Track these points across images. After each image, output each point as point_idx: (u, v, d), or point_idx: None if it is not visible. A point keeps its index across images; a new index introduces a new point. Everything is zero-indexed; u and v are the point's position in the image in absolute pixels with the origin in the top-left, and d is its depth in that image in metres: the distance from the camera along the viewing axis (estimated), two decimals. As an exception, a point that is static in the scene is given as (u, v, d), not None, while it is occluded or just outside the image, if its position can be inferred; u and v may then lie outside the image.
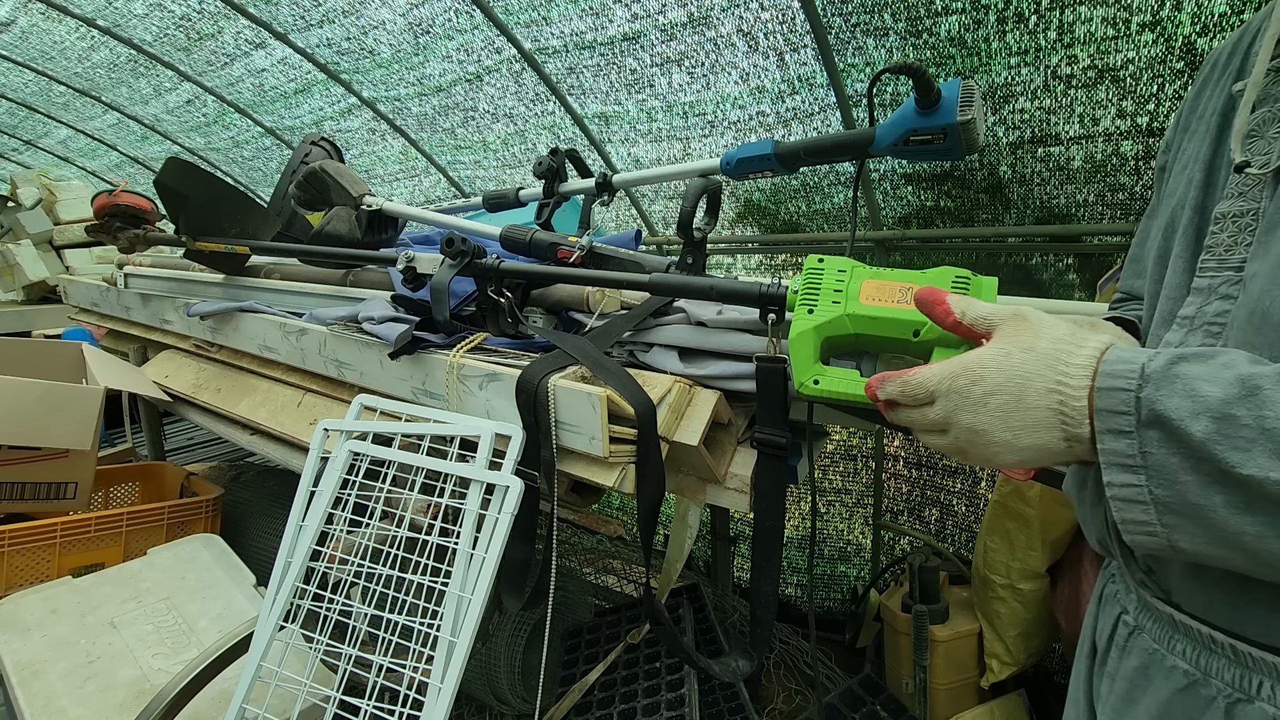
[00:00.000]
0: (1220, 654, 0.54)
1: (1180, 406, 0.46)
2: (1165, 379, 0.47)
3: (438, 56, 2.68)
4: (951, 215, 1.99)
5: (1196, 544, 0.47)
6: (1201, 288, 0.59)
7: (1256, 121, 0.57)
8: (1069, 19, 1.51)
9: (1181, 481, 0.46)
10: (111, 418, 3.09)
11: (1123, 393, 0.49)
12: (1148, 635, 0.60)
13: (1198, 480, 0.45)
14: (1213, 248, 0.58)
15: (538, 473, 1.05)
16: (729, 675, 1.11)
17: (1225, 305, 0.56)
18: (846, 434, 2.37)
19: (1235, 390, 0.44)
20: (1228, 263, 0.57)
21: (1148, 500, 0.48)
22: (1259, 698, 0.51)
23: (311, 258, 1.83)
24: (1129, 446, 0.48)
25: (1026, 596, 1.73)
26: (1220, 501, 0.45)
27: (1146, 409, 0.47)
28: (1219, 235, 0.58)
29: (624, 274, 1.18)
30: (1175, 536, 0.47)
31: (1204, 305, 0.58)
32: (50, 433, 1.84)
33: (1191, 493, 0.46)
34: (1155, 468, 0.47)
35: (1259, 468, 0.42)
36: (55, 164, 5.52)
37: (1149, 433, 0.47)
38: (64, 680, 1.34)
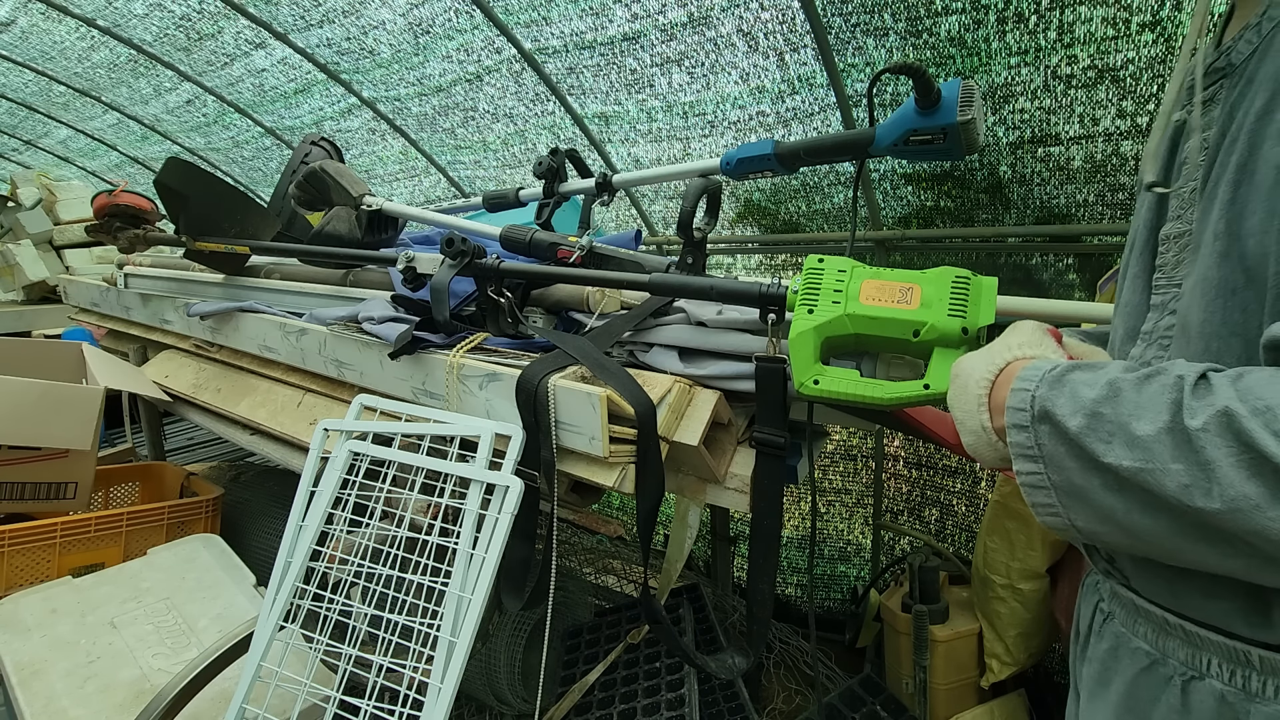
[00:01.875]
0: (1175, 635, 0.59)
1: (1064, 405, 0.54)
2: (1057, 383, 0.56)
3: (438, 56, 2.68)
4: (951, 215, 1.99)
5: (1089, 522, 0.54)
6: (1156, 304, 0.65)
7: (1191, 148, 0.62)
8: (1069, 19, 1.50)
9: (1067, 467, 0.54)
10: (111, 418, 3.09)
11: (1024, 393, 0.57)
12: (1117, 620, 0.66)
13: (1079, 466, 0.53)
14: (1162, 266, 0.64)
15: (538, 473, 1.05)
16: (725, 672, 1.12)
17: (1172, 319, 0.62)
18: (846, 434, 2.37)
19: (1103, 392, 0.52)
20: (1174, 280, 0.63)
21: (1048, 485, 0.56)
22: (1209, 674, 0.56)
23: (311, 258, 1.83)
24: (1027, 438, 0.56)
25: (1026, 596, 1.73)
26: (1097, 484, 0.52)
27: (1039, 407, 0.56)
28: (1166, 255, 0.64)
29: (624, 274, 1.18)
30: (1072, 516, 0.55)
31: (1158, 321, 0.64)
32: (50, 433, 1.84)
33: (1075, 476, 0.53)
34: (1048, 457, 0.55)
35: (1116, 456, 0.50)
36: (55, 164, 5.52)
37: (1041, 427, 0.55)
38: (64, 680, 1.34)
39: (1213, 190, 0.56)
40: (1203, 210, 0.57)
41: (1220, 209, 0.54)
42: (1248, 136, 0.53)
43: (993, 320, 0.78)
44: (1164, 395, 0.49)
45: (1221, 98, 0.58)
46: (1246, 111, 0.54)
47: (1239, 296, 0.53)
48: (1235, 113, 0.55)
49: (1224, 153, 0.56)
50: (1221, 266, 0.53)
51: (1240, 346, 0.53)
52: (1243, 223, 0.52)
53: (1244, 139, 0.53)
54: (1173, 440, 0.47)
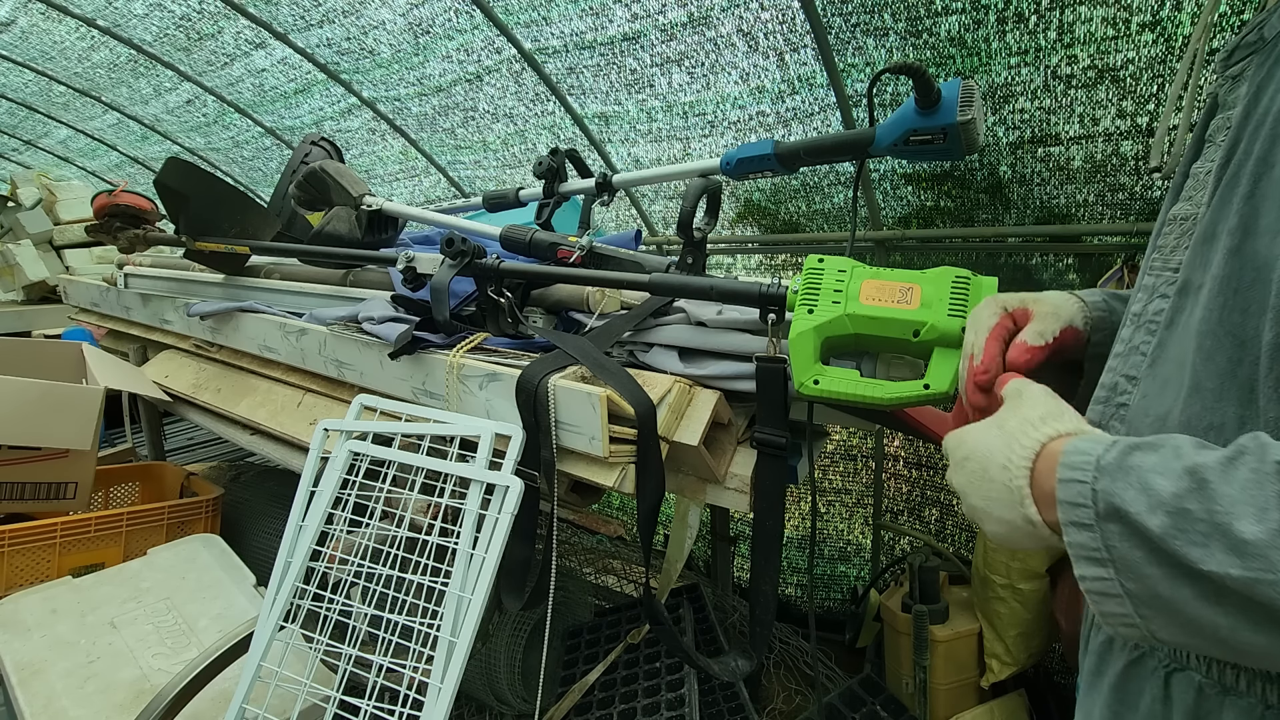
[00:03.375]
0: None
1: (1136, 500, 0.46)
2: (1120, 470, 0.48)
3: (438, 56, 2.68)
4: (951, 215, 1.99)
5: (1175, 635, 0.47)
6: (1146, 285, 0.61)
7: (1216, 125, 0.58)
8: (1069, 19, 1.50)
9: (1148, 575, 0.46)
10: (111, 418, 3.09)
11: (1079, 484, 0.49)
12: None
13: (1164, 574, 0.45)
14: (1161, 248, 0.61)
15: (538, 473, 1.05)
16: (728, 675, 1.12)
17: (1162, 304, 0.58)
18: (846, 434, 2.37)
19: (1185, 483, 0.44)
20: (1169, 263, 0.59)
21: (1120, 593, 0.48)
22: (1189, 666, 0.55)
23: (311, 258, 1.83)
24: (1092, 539, 0.48)
25: (1026, 596, 1.73)
26: (1189, 594, 0.44)
27: (1104, 502, 0.48)
28: (1167, 236, 0.60)
29: (624, 274, 1.18)
30: (1153, 628, 0.47)
31: (1147, 303, 0.60)
32: (50, 433, 1.84)
33: (1160, 586, 0.45)
34: (1121, 561, 0.47)
35: (1219, 564, 0.42)
36: (55, 164, 5.52)
37: (1109, 526, 0.47)
38: (64, 680, 1.34)
39: (1233, 178, 0.52)
40: (1220, 198, 0.53)
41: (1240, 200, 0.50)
42: (1273, 124, 0.49)
43: (993, 320, 0.78)
44: (1266, 485, 0.41)
45: (1250, 75, 0.53)
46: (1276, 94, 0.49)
47: (1241, 296, 0.49)
48: (1262, 94, 0.51)
49: (1248, 138, 0.51)
50: (1230, 262, 0.50)
51: (1231, 347, 0.50)
52: (1257, 219, 0.48)
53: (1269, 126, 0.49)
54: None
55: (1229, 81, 0.56)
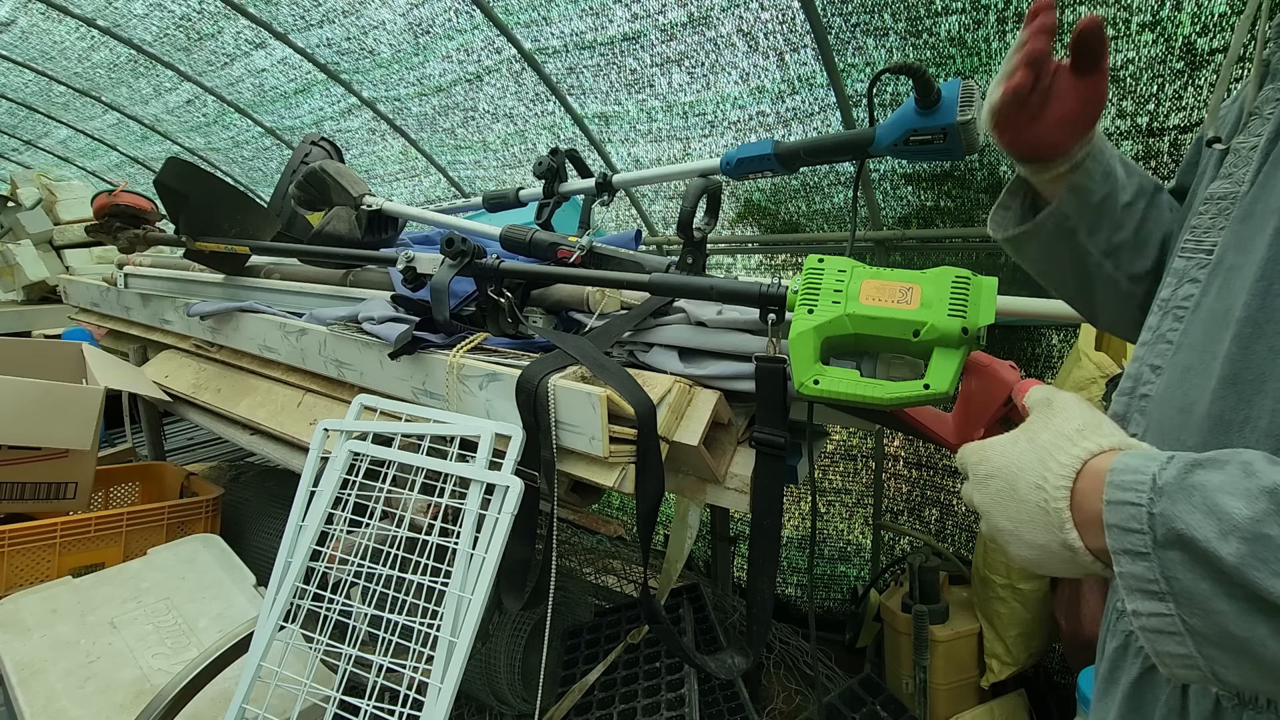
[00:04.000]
0: None
1: (1204, 525, 0.40)
2: (1181, 491, 0.42)
3: (438, 56, 2.68)
4: (951, 215, 1.99)
5: (1245, 677, 0.42)
6: (1177, 269, 0.57)
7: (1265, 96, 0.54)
8: (1069, 19, 1.51)
9: (1218, 611, 0.40)
10: (111, 418, 3.09)
11: (1132, 506, 0.43)
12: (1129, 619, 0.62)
13: (1236, 609, 0.39)
14: (1194, 229, 0.56)
15: (538, 473, 1.06)
16: (725, 672, 1.12)
17: (1192, 289, 0.55)
18: (846, 434, 2.37)
19: (1264, 505, 0.39)
20: (1203, 244, 0.55)
21: (1181, 631, 0.42)
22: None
23: (311, 258, 1.83)
24: (1148, 570, 0.42)
25: (1026, 596, 1.73)
26: (1266, 632, 0.39)
27: (1164, 528, 0.42)
28: (1201, 217, 0.56)
29: (624, 274, 1.18)
30: (1219, 670, 0.42)
31: (1176, 288, 0.57)
32: (50, 433, 1.85)
33: (1231, 623, 0.40)
34: (1184, 594, 0.41)
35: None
36: (55, 164, 5.52)
37: (1170, 554, 0.41)
38: (64, 680, 1.34)
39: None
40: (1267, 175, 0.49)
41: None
42: None
43: (992, 320, 0.78)
44: None
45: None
46: None
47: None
48: None
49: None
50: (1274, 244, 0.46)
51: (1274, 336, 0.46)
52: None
53: None
54: None
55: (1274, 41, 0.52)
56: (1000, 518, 0.53)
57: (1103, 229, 0.70)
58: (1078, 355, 1.61)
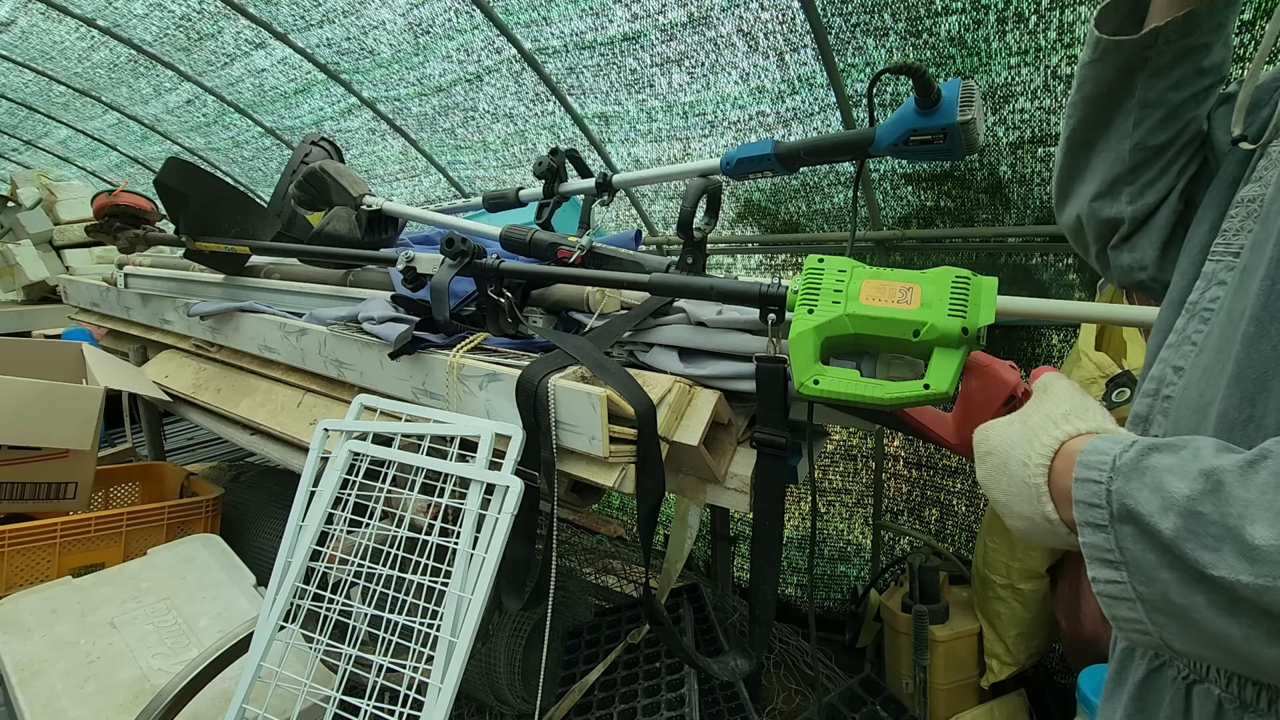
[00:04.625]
0: None
1: (1149, 501, 0.44)
2: (1135, 471, 0.46)
3: (438, 56, 2.68)
4: (951, 215, 1.99)
5: (1188, 644, 0.45)
6: (1206, 273, 0.58)
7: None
8: (1069, 19, 1.50)
9: (1160, 579, 0.44)
10: (111, 418, 3.09)
11: (1094, 484, 0.48)
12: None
13: (1176, 578, 0.43)
14: (1225, 232, 0.57)
15: (538, 473, 1.05)
16: (728, 674, 1.11)
17: (1219, 291, 0.55)
18: (846, 434, 2.37)
19: (1200, 485, 0.43)
20: (1231, 247, 0.55)
21: (1133, 597, 0.46)
22: (1207, 679, 0.54)
23: (311, 258, 1.83)
24: (1106, 540, 0.47)
25: (1026, 596, 1.73)
26: (1202, 601, 0.42)
27: (1118, 503, 0.46)
28: (1232, 220, 0.57)
29: (624, 274, 1.18)
30: (1166, 636, 0.46)
31: (1205, 291, 0.57)
32: (50, 433, 1.84)
33: (1172, 590, 0.44)
34: (1134, 564, 0.45)
35: (1229, 569, 0.40)
36: (55, 164, 5.52)
37: (1123, 528, 0.46)
38: (64, 680, 1.34)
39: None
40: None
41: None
42: None
43: (992, 320, 0.78)
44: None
45: None
46: None
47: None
48: None
49: None
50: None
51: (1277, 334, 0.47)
52: None
53: None
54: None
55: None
56: (997, 491, 0.58)
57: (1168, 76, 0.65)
58: (1078, 355, 1.61)
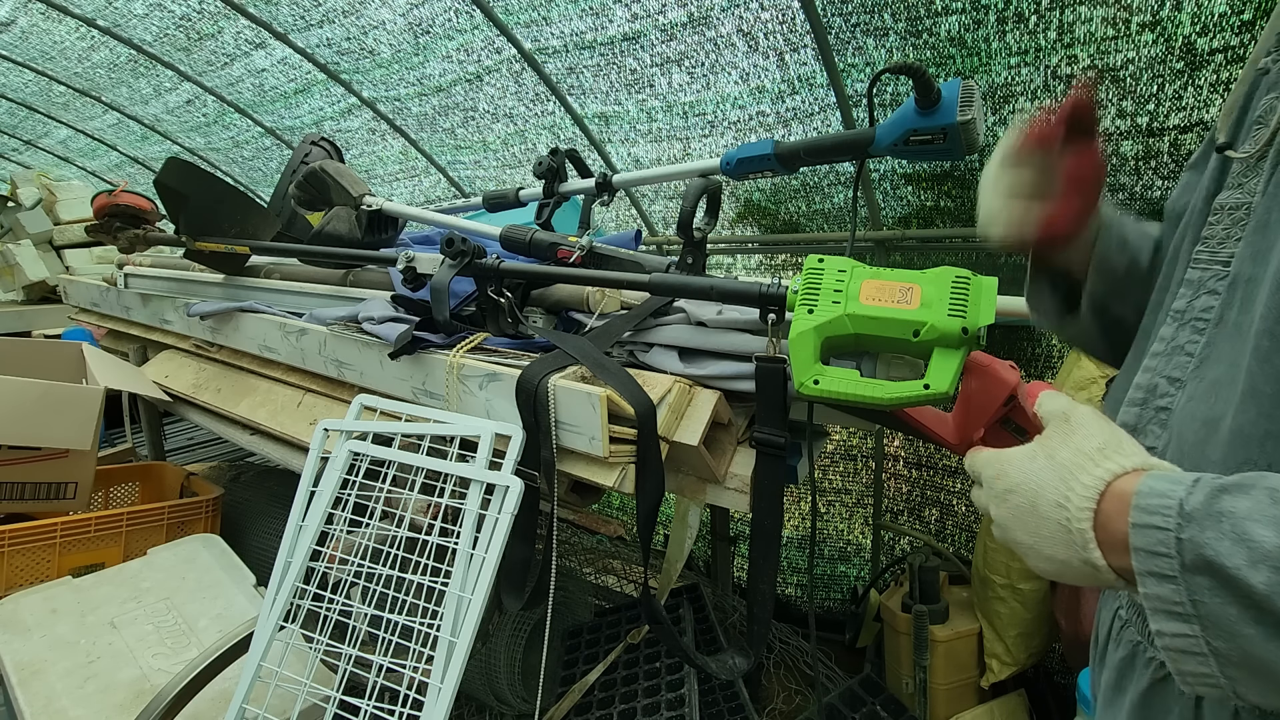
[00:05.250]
0: None
1: (1233, 553, 0.41)
2: (1209, 518, 0.42)
3: (438, 56, 2.68)
4: (951, 215, 1.99)
5: (1266, 696, 0.43)
6: (1192, 280, 0.57)
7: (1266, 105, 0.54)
8: (1069, 19, 1.50)
9: (1243, 635, 0.41)
10: (111, 418, 3.09)
11: (1160, 531, 0.44)
12: (1133, 628, 0.62)
13: (1262, 634, 0.40)
14: (1208, 239, 0.57)
15: (538, 473, 1.05)
16: (726, 673, 1.12)
17: (1211, 300, 0.55)
18: (846, 434, 2.37)
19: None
20: (1218, 256, 0.55)
21: (1206, 652, 0.43)
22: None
23: (311, 258, 1.83)
24: (1175, 593, 0.43)
25: (1026, 596, 1.73)
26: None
27: (1192, 553, 0.42)
28: (1215, 227, 0.56)
29: (624, 274, 1.18)
30: (1242, 690, 0.43)
31: (1193, 299, 0.57)
32: (50, 433, 1.84)
33: (1258, 647, 0.41)
34: (1210, 618, 0.42)
35: None
36: (55, 164, 5.52)
37: (1197, 579, 0.42)
38: (64, 680, 1.34)
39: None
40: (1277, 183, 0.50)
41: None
42: None
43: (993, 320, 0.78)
44: None
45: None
46: None
47: None
48: None
49: None
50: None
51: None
52: None
53: None
54: None
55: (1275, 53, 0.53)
56: (1020, 532, 0.53)
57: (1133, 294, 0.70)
58: (1077, 356, 1.61)
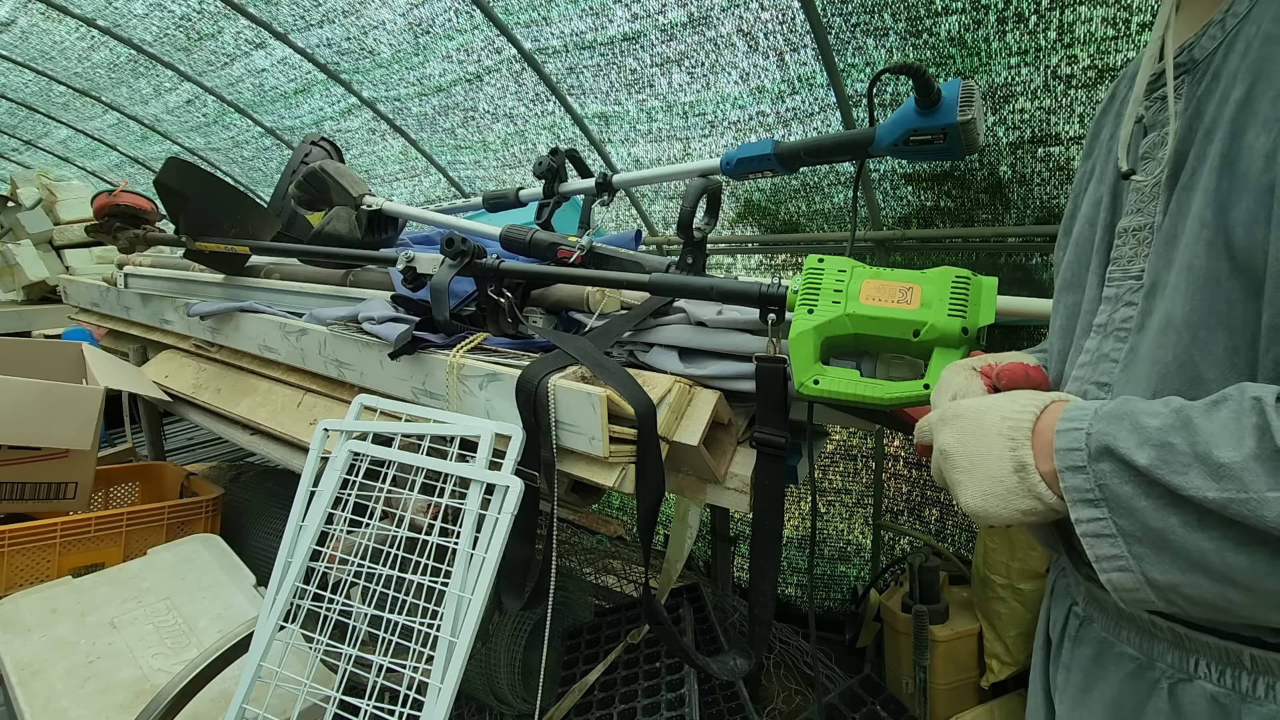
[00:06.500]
0: (1162, 638, 0.58)
1: (1126, 437, 0.49)
2: (1114, 416, 0.51)
3: (438, 56, 2.68)
4: (951, 215, 1.99)
5: (1167, 572, 0.49)
6: (1110, 296, 0.64)
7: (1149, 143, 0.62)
8: (1069, 19, 1.50)
9: (1138, 508, 0.49)
10: (111, 418, 3.09)
11: (1075, 431, 0.53)
12: (1098, 625, 0.64)
13: (1151, 505, 0.48)
14: (1118, 260, 0.64)
15: (538, 473, 1.05)
16: (727, 674, 1.11)
17: (1129, 311, 0.62)
18: (846, 434, 2.37)
19: (1170, 420, 0.48)
20: (1130, 272, 0.63)
21: (1114, 533, 0.50)
22: (1197, 676, 0.55)
23: (311, 258, 1.83)
24: (1085, 480, 0.51)
25: (1026, 596, 1.73)
26: (1176, 522, 0.47)
27: (1096, 443, 0.51)
28: (1122, 248, 0.64)
29: (624, 274, 1.18)
30: (1145, 567, 0.49)
31: (1113, 312, 0.63)
32: (50, 433, 1.84)
33: (1149, 517, 0.48)
34: (1113, 499, 0.50)
35: (1197, 488, 0.46)
36: (55, 164, 5.52)
37: (1101, 465, 0.51)
38: (64, 680, 1.34)
39: (1190, 181, 0.56)
40: (1178, 202, 0.57)
41: (1205, 197, 0.53)
42: (1229, 126, 0.53)
43: (992, 320, 0.78)
44: (1243, 419, 0.46)
45: (1184, 92, 0.59)
46: (1222, 103, 0.54)
47: (1223, 286, 0.52)
48: (1204, 106, 0.56)
49: (1199, 144, 0.56)
50: (1208, 256, 0.53)
51: (1225, 337, 0.52)
52: (1229, 213, 0.52)
53: (1225, 129, 0.53)
54: (1265, 465, 0.44)
55: (1156, 104, 0.62)
56: (961, 456, 0.60)
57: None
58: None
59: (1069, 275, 0.71)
